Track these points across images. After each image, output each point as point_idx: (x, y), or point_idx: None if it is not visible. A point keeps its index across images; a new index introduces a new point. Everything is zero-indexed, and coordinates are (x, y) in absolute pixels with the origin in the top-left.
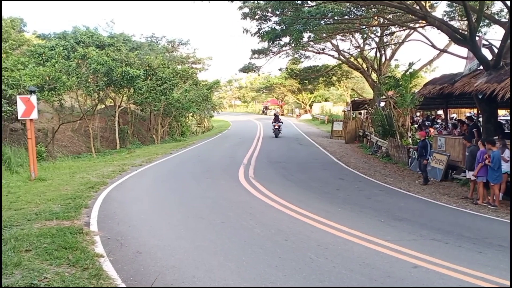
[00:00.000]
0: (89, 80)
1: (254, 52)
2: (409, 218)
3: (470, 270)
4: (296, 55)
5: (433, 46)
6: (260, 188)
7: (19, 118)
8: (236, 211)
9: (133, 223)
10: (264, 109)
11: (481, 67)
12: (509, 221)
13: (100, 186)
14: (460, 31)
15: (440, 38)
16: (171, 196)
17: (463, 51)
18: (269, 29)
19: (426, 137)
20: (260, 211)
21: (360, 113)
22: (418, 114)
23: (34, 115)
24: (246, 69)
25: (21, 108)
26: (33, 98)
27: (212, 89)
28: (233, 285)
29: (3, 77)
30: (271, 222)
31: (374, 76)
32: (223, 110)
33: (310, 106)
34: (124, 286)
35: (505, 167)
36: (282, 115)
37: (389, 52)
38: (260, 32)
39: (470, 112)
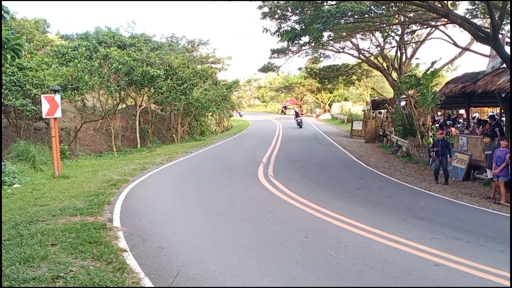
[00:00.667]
0: (111, 80)
1: (273, 51)
2: (430, 217)
3: (492, 269)
4: (315, 54)
5: (455, 44)
6: (279, 186)
7: (43, 116)
8: (255, 209)
9: (155, 219)
10: (283, 109)
11: (504, 65)
12: None
13: (122, 183)
14: (483, 29)
15: (462, 37)
16: (192, 194)
17: (486, 49)
18: (289, 28)
19: (446, 137)
20: (279, 209)
21: (380, 113)
22: (439, 113)
23: (58, 113)
24: (265, 69)
25: (45, 107)
26: (57, 97)
27: (231, 89)
28: (253, 280)
29: (27, 77)
30: (291, 219)
31: (394, 75)
32: (243, 110)
33: (330, 105)
34: (152, 286)
35: None
36: (301, 114)
37: (409, 50)
38: (280, 31)
39: (492, 111)
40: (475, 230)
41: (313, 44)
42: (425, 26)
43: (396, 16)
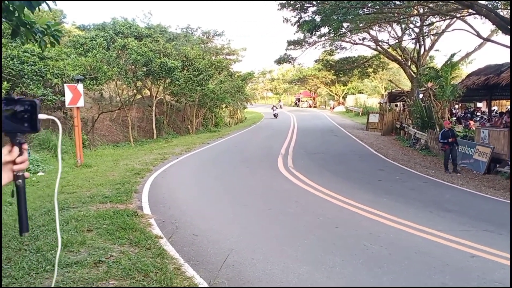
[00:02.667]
0: (128, 70)
1: (290, 43)
2: (457, 209)
3: None
4: (332, 46)
5: (478, 35)
6: (301, 177)
7: (66, 105)
8: (280, 199)
9: (183, 208)
10: (297, 101)
11: None
12: None
13: (145, 172)
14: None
15: (483, 28)
16: (215, 184)
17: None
18: (309, 19)
19: (465, 130)
20: (304, 199)
21: (396, 105)
22: (456, 106)
23: (81, 103)
24: (281, 60)
25: (68, 96)
26: (80, 87)
27: (246, 80)
28: (293, 268)
29: (48, 66)
30: (318, 210)
31: (412, 67)
32: (255, 102)
33: (344, 98)
34: (207, 286)
35: None
36: (314, 107)
37: (428, 42)
38: (300, 21)
39: None
40: (505, 223)
41: (332, 35)
42: (444, 18)
43: (416, 7)
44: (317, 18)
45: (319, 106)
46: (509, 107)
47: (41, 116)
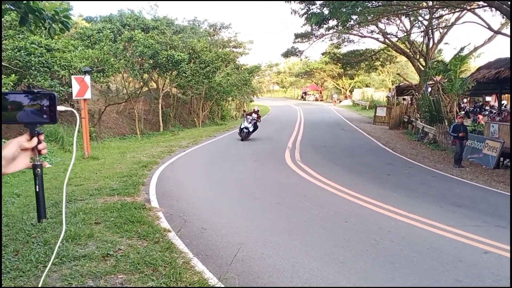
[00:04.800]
0: (135, 63)
1: (297, 36)
2: (468, 204)
3: None
4: (339, 39)
5: (489, 27)
6: (309, 171)
7: (73, 97)
8: (289, 193)
9: (191, 201)
10: (303, 95)
11: None
12: None
13: (152, 165)
14: None
15: (493, 21)
16: (222, 177)
17: None
18: (318, 11)
19: (474, 124)
20: (313, 193)
21: (404, 99)
22: (465, 100)
23: (88, 95)
24: (288, 54)
25: (75, 88)
26: (87, 78)
27: (253, 73)
28: (302, 263)
29: (55, 58)
30: (327, 204)
31: (421, 60)
32: (262, 95)
33: (350, 92)
34: (222, 286)
35: None
36: (321, 100)
37: (437, 36)
38: (308, 13)
39: None
40: None
41: (340, 28)
42: (453, 11)
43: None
44: (326, 11)
45: (325, 100)
46: None
47: (59, 107)
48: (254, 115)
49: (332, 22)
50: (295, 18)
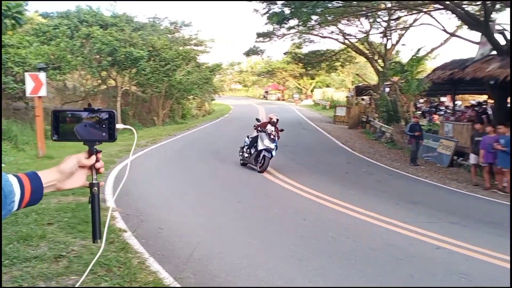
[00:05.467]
0: (92, 60)
1: (259, 35)
2: (423, 201)
3: (493, 253)
4: (300, 39)
5: (445, 30)
6: (270, 170)
7: (27, 95)
8: (250, 192)
9: (150, 201)
10: (265, 94)
11: (494, 52)
12: None
13: (109, 164)
14: (475, 15)
15: (449, 24)
16: (182, 176)
17: (474, 36)
18: (279, 10)
19: (430, 123)
20: (273, 192)
21: (362, 99)
22: (421, 100)
23: (43, 92)
24: (250, 52)
25: (29, 85)
26: (42, 75)
27: (214, 72)
28: (260, 262)
29: (9, 54)
30: (287, 202)
31: (379, 61)
32: (223, 94)
33: (311, 91)
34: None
35: None
36: (283, 100)
37: (395, 37)
38: (270, 12)
39: (474, 99)
40: (469, 215)
41: (300, 28)
42: (411, 13)
43: (384, 1)
44: (287, 10)
45: (287, 99)
46: (472, 102)
47: (119, 126)
48: (271, 128)
49: (293, 22)
50: (257, 17)
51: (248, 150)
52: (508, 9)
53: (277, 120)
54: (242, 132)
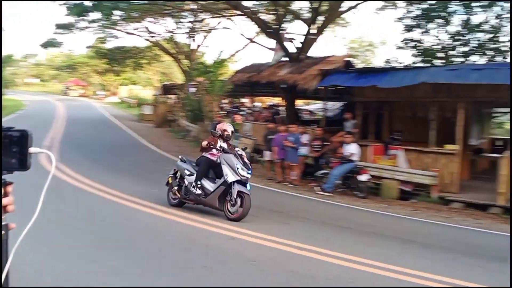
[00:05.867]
0: None
1: (59, 26)
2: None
3: (294, 243)
4: (104, 34)
5: (243, 35)
6: (67, 171)
7: None
8: (39, 196)
9: None
10: (66, 90)
11: (286, 59)
12: (305, 197)
13: None
14: (270, 24)
15: (251, 30)
16: None
17: (271, 42)
18: (79, 2)
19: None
20: (69, 194)
21: (169, 98)
22: (225, 101)
23: None
24: (49, 44)
25: None
26: None
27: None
28: (46, 267)
29: None
30: (84, 204)
31: (185, 61)
32: (17, 89)
33: (117, 88)
34: None
35: (304, 150)
36: (86, 96)
37: (200, 38)
38: (69, 3)
39: (271, 102)
40: (263, 206)
41: (104, 22)
42: (215, 16)
43: (189, 2)
44: (89, 3)
45: (91, 96)
46: (269, 103)
47: (32, 149)
48: (223, 144)
49: (96, 15)
50: (56, 6)
51: (199, 183)
52: (297, 21)
53: (232, 132)
54: (36, 131)
